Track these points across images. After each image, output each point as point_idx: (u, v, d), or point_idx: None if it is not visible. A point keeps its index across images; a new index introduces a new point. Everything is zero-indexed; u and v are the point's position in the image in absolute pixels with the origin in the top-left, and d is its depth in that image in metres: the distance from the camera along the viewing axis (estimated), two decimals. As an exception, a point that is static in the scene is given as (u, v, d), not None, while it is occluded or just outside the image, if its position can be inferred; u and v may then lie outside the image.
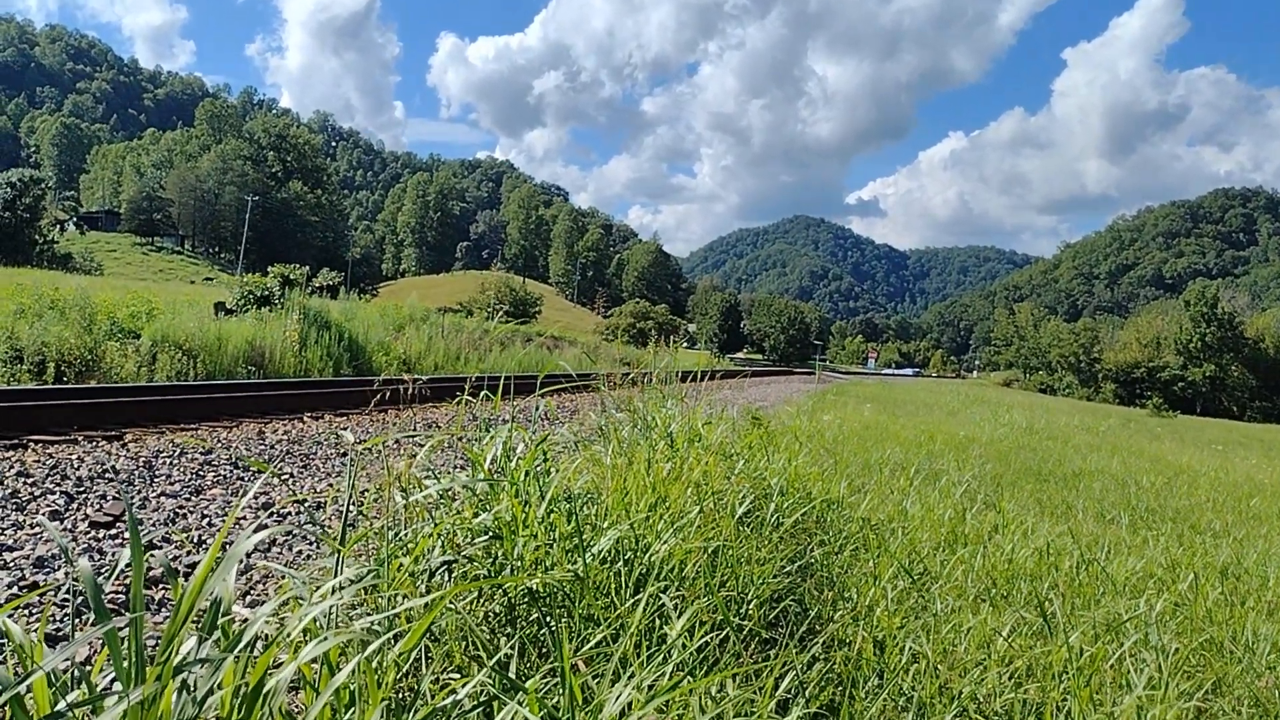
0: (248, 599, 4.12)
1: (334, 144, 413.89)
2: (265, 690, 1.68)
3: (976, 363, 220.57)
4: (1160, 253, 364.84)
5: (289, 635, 1.96)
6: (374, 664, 2.27)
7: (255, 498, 6.12)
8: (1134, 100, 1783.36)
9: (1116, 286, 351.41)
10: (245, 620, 1.87)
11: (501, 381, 4.44)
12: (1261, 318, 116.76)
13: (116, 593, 4.00)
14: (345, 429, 6.19)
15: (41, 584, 4.06)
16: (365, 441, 3.47)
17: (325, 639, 1.83)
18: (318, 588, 2.45)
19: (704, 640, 2.91)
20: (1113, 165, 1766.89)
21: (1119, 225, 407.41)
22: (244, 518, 5.54)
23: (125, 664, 1.55)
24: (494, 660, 2.33)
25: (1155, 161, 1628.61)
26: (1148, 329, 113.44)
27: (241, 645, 1.72)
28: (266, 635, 2.38)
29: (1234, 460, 21.34)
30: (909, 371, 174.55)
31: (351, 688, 2.05)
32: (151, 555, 3.89)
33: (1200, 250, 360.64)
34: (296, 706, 2.83)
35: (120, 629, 2.28)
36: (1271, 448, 32.56)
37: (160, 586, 4.24)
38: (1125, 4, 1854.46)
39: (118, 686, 1.57)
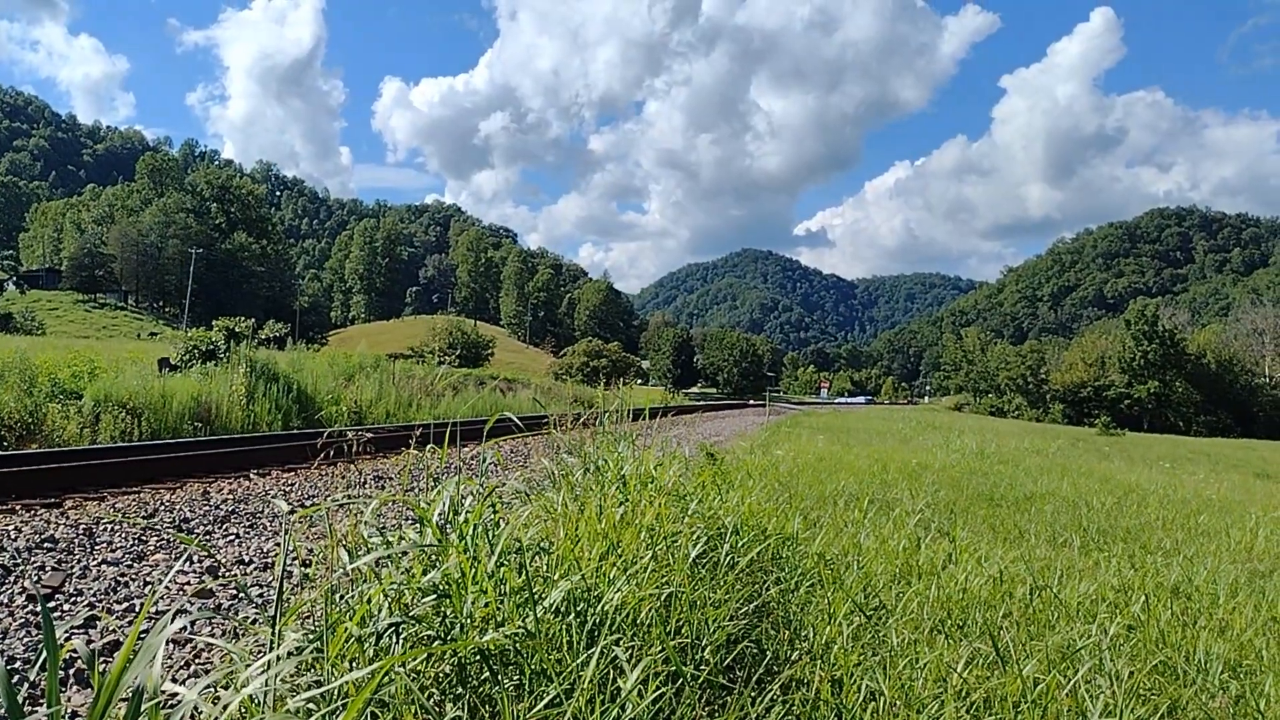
0: (191, 669, 4.00)
1: (279, 193, 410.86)
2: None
3: (927, 388, 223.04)
4: (1101, 273, 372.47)
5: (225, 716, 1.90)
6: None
7: (199, 562, 5.97)
8: (1073, 124, 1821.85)
9: (1060, 308, 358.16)
10: (175, 697, 1.80)
11: (449, 430, 4.39)
12: (1201, 334, 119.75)
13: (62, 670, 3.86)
14: (277, 497, 6.06)
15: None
16: (304, 510, 3.37)
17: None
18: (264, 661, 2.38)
19: (659, 691, 2.87)
20: (1054, 189, 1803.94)
21: (1059, 248, 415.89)
22: (188, 583, 5.40)
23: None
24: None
25: (1095, 184, 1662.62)
26: (1092, 348, 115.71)
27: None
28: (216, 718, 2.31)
29: (1181, 476, 21.73)
30: (861, 399, 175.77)
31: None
32: (88, 632, 3.77)
33: (1140, 270, 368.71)
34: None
35: None
36: (1218, 462, 33.21)
37: (103, 659, 4.10)
38: (1064, 30, 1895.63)
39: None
